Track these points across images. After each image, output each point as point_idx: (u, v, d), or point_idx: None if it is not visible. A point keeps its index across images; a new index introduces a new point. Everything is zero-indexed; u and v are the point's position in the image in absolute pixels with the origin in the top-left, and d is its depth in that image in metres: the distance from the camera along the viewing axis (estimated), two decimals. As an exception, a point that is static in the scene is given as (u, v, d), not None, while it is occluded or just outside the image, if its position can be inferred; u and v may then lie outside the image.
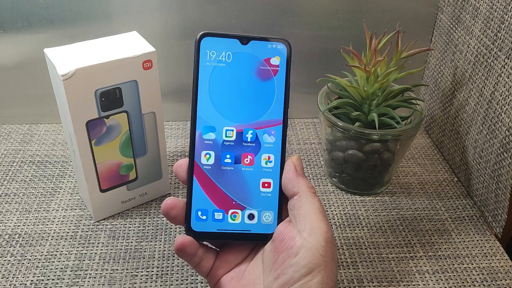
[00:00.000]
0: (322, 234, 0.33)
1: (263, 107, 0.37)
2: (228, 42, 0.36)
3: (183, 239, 0.35)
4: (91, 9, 0.58)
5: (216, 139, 0.36)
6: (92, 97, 0.43)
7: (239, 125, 0.37)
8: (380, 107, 0.50)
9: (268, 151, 0.37)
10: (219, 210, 0.37)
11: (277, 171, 0.37)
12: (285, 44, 0.37)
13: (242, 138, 0.37)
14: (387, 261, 0.47)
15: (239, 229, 0.37)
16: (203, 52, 0.36)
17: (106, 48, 0.44)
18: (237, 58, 0.36)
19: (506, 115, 0.47)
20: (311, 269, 0.32)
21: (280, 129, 0.37)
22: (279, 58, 0.37)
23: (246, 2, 0.59)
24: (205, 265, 0.37)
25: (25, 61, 0.60)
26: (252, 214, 0.37)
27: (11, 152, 0.60)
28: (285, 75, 0.37)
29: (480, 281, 0.45)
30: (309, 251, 0.33)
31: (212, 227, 0.36)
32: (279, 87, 0.37)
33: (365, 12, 0.61)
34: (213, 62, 0.36)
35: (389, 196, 0.55)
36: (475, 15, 0.53)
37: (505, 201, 0.48)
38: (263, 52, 0.37)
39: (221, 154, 0.37)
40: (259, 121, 0.37)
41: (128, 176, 0.50)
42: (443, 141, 0.62)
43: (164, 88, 0.50)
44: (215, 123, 0.36)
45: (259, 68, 0.37)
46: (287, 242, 0.34)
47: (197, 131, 0.36)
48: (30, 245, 0.48)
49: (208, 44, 0.36)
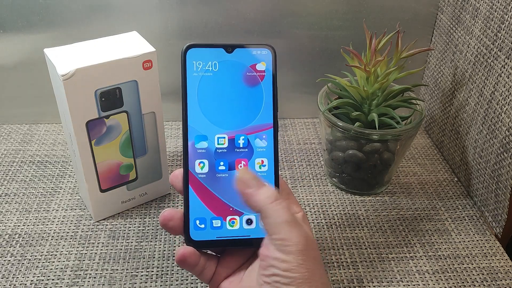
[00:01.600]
0: (295, 245, 0.32)
1: (253, 113, 0.37)
2: (213, 51, 0.37)
3: (184, 250, 0.35)
4: (91, 9, 0.58)
5: (208, 147, 0.37)
6: (92, 97, 0.43)
7: (230, 132, 0.37)
8: (380, 107, 0.50)
9: (261, 155, 0.37)
10: (217, 218, 0.37)
11: (272, 174, 0.37)
12: (269, 49, 0.37)
13: (234, 144, 0.37)
14: (387, 261, 0.47)
15: (239, 235, 0.37)
16: (190, 63, 0.36)
17: (106, 48, 0.44)
18: (223, 66, 0.37)
19: (506, 115, 0.47)
20: (293, 279, 0.32)
21: (271, 132, 0.37)
22: (264, 63, 0.37)
23: (246, 2, 0.59)
24: (208, 273, 0.37)
25: (25, 61, 0.60)
26: (250, 219, 0.37)
27: (11, 152, 0.60)
28: (272, 79, 0.37)
29: (480, 281, 0.45)
30: (286, 264, 0.32)
31: (211, 235, 0.37)
32: (267, 92, 0.37)
33: (365, 12, 0.61)
34: (200, 72, 0.37)
35: (389, 196, 0.55)
36: (475, 15, 0.53)
37: (505, 201, 0.48)
38: (249, 58, 0.37)
39: (215, 162, 0.37)
40: (250, 126, 0.37)
41: (128, 176, 0.50)
42: (443, 141, 0.62)
43: (164, 88, 0.50)
44: (206, 132, 0.37)
45: (246, 74, 0.37)
46: (266, 252, 0.33)
47: (189, 141, 0.36)
48: (30, 245, 0.48)
49: (194, 55, 0.36)
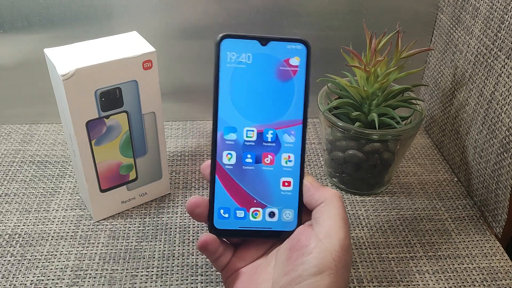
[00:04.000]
0: (338, 239, 0.34)
1: (283, 108, 0.37)
2: (248, 43, 0.36)
3: (207, 237, 0.36)
4: (91, 9, 0.58)
5: (237, 139, 0.37)
6: (92, 97, 0.43)
7: (259, 126, 0.37)
8: (380, 107, 0.50)
9: (288, 150, 0.37)
10: (240, 209, 0.37)
11: (297, 170, 0.38)
12: (304, 44, 0.37)
13: (262, 138, 0.37)
14: (387, 261, 0.47)
15: (260, 227, 0.37)
16: (223, 54, 0.36)
17: (106, 48, 0.44)
18: (257, 59, 0.37)
19: (506, 115, 0.47)
20: (320, 270, 0.32)
21: (300, 129, 0.37)
22: (298, 58, 0.37)
23: (246, 2, 0.59)
24: (223, 260, 0.38)
25: (25, 61, 0.60)
26: (273, 212, 0.37)
27: (11, 152, 0.60)
28: (305, 75, 0.37)
29: (480, 281, 0.45)
30: (322, 252, 0.33)
31: (234, 224, 0.37)
32: (299, 87, 0.37)
33: (365, 12, 0.61)
34: (234, 64, 0.36)
35: (389, 196, 0.55)
36: (475, 15, 0.53)
37: (505, 201, 0.48)
38: (283, 52, 0.37)
39: (242, 154, 0.37)
40: (279, 121, 0.37)
41: (128, 176, 0.50)
42: (443, 141, 0.62)
43: (164, 88, 0.50)
44: (236, 124, 0.37)
45: (279, 68, 0.37)
46: (303, 241, 0.35)
47: (219, 132, 0.37)
48: (30, 245, 0.48)
49: (228, 45, 0.36)
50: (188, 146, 0.63)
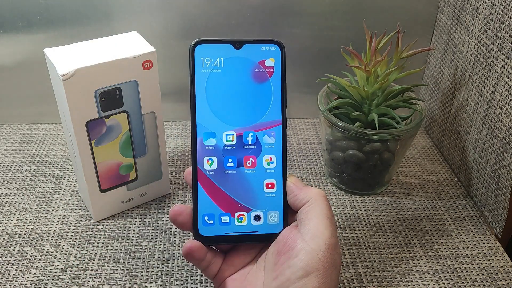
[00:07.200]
0: (324, 239, 0.33)
1: (261, 109, 0.37)
2: (222, 47, 0.36)
3: (191, 244, 0.36)
4: (91, 9, 0.58)
5: (217, 144, 0.37)
6: (92, 97, 0.43)
7: (238, 129, 0.37)
8: (380, 107, 0.50)
9: (269, 152, 0.37)
10: (225, 214, 0.37)
11: (280, 171, 0.37)
12: (278, 45, 0.37)
13: (242, 141, 0.37)
14: (387, 261, 0.47)
15: (246, 231, 0.37)
16: (198, 60, 0.36)
17: (106, 48, 0.44)
18: (231, 62, 0.37)
19: (506, 115, 0.47)
20: (307, 272, 0.32)
21: (280, 129, 0.37)
22: (273, 59, 0.37)
23: (246, 2, 0.59)
24: (213, 269, 0.37)
25: (25, 61, 0.60)
26: (258, 215, 0.37)
27: (11, 152, 0.60)
28: (281, 76, 0.37)
29: (480, 281, 0.45)
30: (308, 254, 0.33)
31: (219, 231, 0.37)
32: (276, 88, 0.37)
33: (365, 12, 0.61)
34: (209, 69, 0.36)
35: (389, 196, 0.55)
36: (475, 15, 0.53)
37: (505, 201, 0.48)
38: (257, 54, 0.37)
39: (223, 159, 0.37)
40: (258, 123, 0.37)
41: (128, 176, 0.50)
42: (443, 141, 0.62)
43: (164, 88, 0.50)
44: (215, 129, 0.37)
45: (254, 71, 0.37)
46: (289, 244, 0.34)
47: (198, 138, 0.37)
48: (30, 245, 0.48)
49: (202, 51, 0.36)
50: (188, 146, 0.63)
